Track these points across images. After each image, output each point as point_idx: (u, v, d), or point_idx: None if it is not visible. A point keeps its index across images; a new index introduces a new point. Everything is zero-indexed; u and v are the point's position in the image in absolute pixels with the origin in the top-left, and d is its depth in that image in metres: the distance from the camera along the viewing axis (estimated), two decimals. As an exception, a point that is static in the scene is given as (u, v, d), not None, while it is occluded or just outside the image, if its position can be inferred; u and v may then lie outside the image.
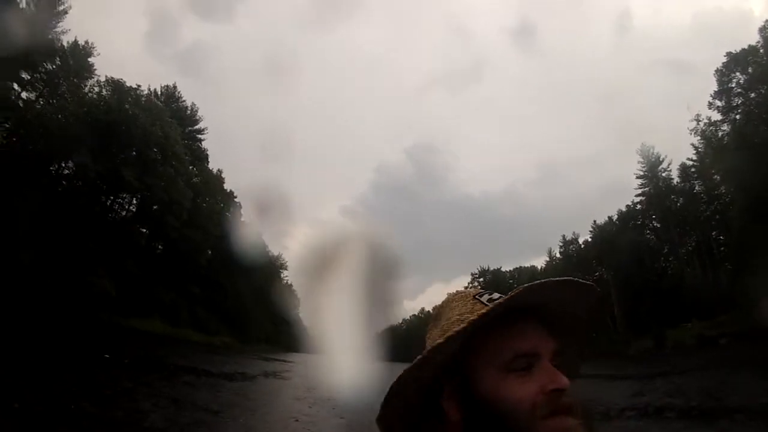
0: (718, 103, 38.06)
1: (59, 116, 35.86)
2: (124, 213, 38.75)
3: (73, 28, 37.29)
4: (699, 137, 40.12)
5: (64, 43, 37.30)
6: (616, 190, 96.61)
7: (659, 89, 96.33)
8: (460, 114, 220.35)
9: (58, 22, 36.88)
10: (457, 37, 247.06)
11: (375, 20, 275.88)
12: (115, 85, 35.59)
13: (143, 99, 36.72)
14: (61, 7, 35.35)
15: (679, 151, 47.32)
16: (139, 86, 36.78)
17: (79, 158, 33.00)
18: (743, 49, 37.12)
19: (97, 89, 36.37)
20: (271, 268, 57.33)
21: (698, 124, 39.40)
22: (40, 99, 35.90)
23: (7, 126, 31.55)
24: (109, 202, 36.73)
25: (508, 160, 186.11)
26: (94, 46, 38.24)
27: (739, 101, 36.86)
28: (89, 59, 38.43)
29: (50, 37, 36.11)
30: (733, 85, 37.41)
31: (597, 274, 48.69)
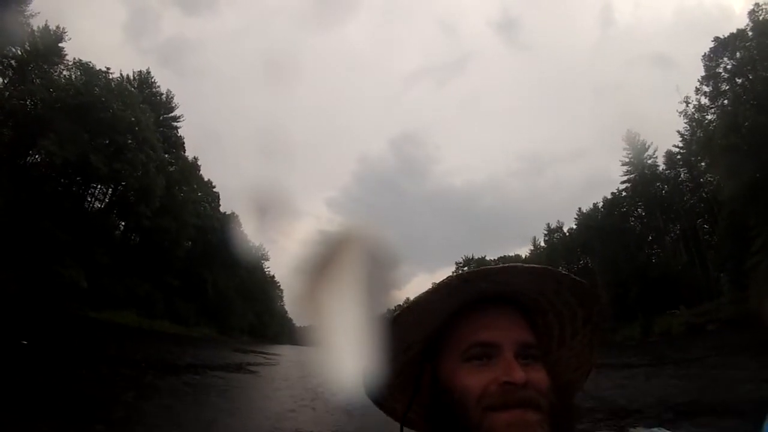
0: (706, 88, 37.51)
1: (27, 102, 34.57)
2: (101, 205, 37.56)
3: (43, 12, 35.72)
4: (686, 121, 39.57)
5: (34, 28, 35.90)
6: (602, 182, 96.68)
7: (643, 83, 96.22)
8: (445, 107, 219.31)
9: (27, 5, 35.41)
10: (442, 30, 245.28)
11: (361, 13, 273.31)
12: (84, 68, 34.11)
13: (114, 83, 35.26)
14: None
15: (663, 141, 46.73)
16: (108, 69, 35.37)
17: (46, 145, 31.70)
18: (731, 34, 36.35)
19: (66, 73, 34.95)
20: (254, 259, 56.32)
21: (687, 106, 38.81)
22: (10, 86, 34.57)
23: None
24: (82, 190, 35.42)
25: (492, 151, 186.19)
26: (66, 30, 36.94)
27: (727, 87, 36.29)
28: (60, 44, 37.22)
29: (18, 20, 34.62)
30: (721, 71, 36.82)
31: (582, 262, 48.32)
